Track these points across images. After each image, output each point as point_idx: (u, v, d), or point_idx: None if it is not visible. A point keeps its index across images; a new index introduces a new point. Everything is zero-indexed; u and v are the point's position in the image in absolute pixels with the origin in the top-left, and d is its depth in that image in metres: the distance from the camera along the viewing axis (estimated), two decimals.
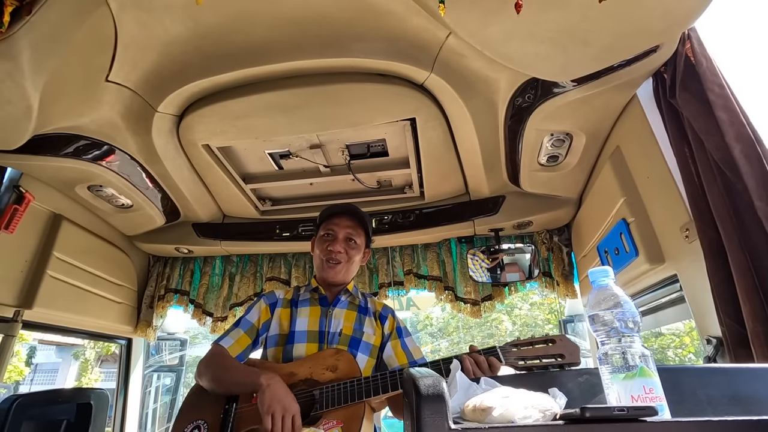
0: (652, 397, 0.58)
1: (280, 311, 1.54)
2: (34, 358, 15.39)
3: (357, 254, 1.59)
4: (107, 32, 1.25)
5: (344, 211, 1.61)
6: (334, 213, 1.61)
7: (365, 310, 1.59)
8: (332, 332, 1.49)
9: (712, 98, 1.06)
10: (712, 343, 1.17)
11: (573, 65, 1.19)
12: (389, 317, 1.59)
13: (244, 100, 1.51)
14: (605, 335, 0.64)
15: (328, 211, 1.64)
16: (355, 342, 1.48)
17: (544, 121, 1.53)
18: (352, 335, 1.49)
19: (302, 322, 1.50)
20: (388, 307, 1.64)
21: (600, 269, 0.69)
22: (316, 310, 1.54)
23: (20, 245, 1.78)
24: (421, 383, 0.50)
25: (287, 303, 1.56)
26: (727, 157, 1.01)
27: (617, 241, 1.60)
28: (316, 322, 1.50)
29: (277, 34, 1.34)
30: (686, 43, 1.15)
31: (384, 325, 1.57)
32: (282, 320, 1.51)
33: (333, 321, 1.51)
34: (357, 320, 1.54)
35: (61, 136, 1.55)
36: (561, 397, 0.62)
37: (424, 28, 1.30)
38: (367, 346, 1.50)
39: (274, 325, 1.51)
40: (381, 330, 1.56)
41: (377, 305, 1.64)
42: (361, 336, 1.50)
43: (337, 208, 1.63)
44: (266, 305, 1.56)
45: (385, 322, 1.58)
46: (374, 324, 1.56)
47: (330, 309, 1.54)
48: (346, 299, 1.59)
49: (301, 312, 1.52)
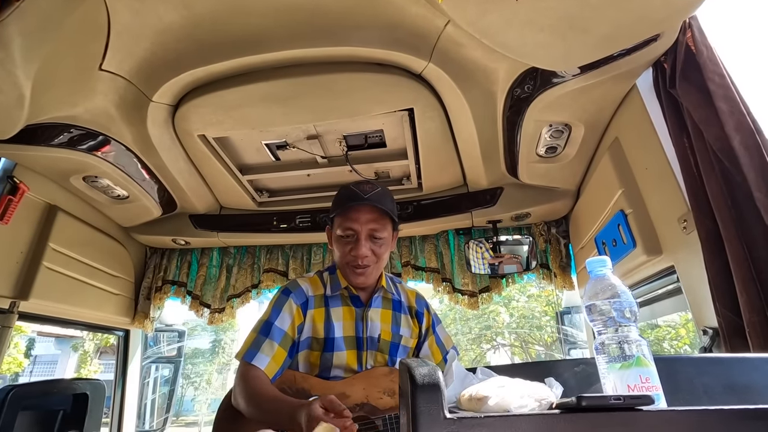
0: (648, 386, 0.58)
1: (313, 313, 1.36)
2: (33, 350, 15.45)
3: (386, 250, 1.40)
4: (100, 20, 1.23)
5: (363, 201, 1.34)
6: (351, 206, 1.35)
7: (399, 305, 1.48)
8: (370, 336, 1.37)
9: (713, 88, 1.05)
10: (708, 333, 1.18)
11: (573, 54, 1.18)
12: (425, 313, 1.50)
13: (239, 90, 1.50)
14: (602, 325, 0.64)
15: (343, 200, 1.37)
16: (395, 348, 1.41)
17: (542, 111, 1.52)
18: (392, 341, 1.40)
19: (338, 327, 1.36)
20: (420, 299, 1.54)
21: (597, 259, 0.68)
22: (350, 311, 1.40)
23: (15, 236, 1.77)
24: (416, 373, 0.50)
25: (320, 302, 1.38)
26: (726, 147, 1.00)
27: (615, 232, 1.60)
28: (352, 327, 1.38)
29: (273, 23, 1.32)
30: (687, 31, 1.14)
31: (421, 323, 1.48)
32: (316, 323, 1.35)
33: (370, 325, 1.39)
34: (393, 320, 1.43)
35: (55, 125, 1.53)
36: (557, 387, 0.62)
37: (422, 17, 1.28)
38: (405, 350, 1.43)
39: (307, 327, 1.35)
40: (419, 329, 1.48)
41: (410, 297, 1.52)
42: (399, 340, 1.42)
43: (355, 199, 1.34)
44: (297, 306, 1.35)
45: (422, 319, 1.48)
46: (411, 323, 1.47)
47: (365, 311, 1.40)
48: (380, 295, 1.45)
49: (334, 314, 1.37)
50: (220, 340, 18.17)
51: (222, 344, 18.16)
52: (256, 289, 2.52)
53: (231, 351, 17.12)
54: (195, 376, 18.04)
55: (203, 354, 18.56)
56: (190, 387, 18.00)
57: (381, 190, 1.38)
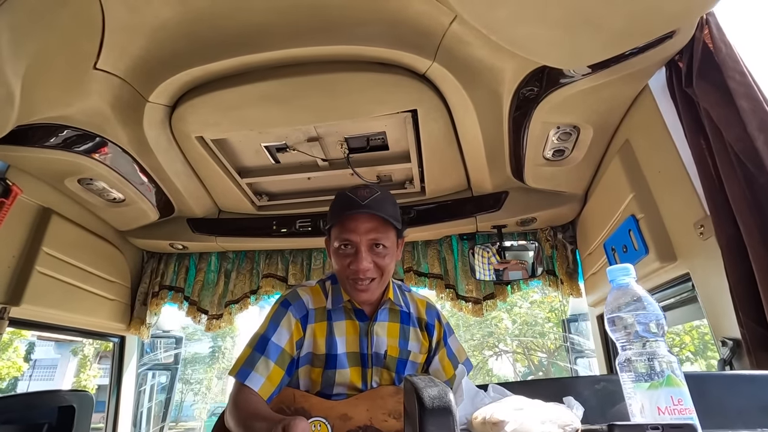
0: (681, 408, 0.52)
1: (314, 327, 1.25)
2: (33, 354, 15.40)
3: (391, 260, 1.25)
4: (94, 16, 1.19)
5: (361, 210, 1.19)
6: (348, 215, 1.21)
7: (408, 317, 1.35)
8: (375, 352, 1.27)
9: (733, 86, 1.00)
10: (728, 345, 1.11)
11: (584, 52, 1.13)
12: (436, 324, 1.37)
13: (237, 90, 1.45)
14: (626, 340, 0.58)
15: (339, 209, 1.24)
16: (402, 364, 1.30)
17: (550, 113, 1.47)
18: (399, 357, 1.29)
19: (341, 343, 1.25)
20: (431, 309, 1.40)
21: (620, 267, 0.63)
22: (354, 326, 1.29)
23: (7, 240, 1.72)
24: (425, 394, 0.44)
25: (321, 316, 1.27)
26: (749, 148, 0.95)
27: (626, 238, 1.54)
28: (355, 342, 1.27)
29: (272, 20, 1.28)
30: (704, 28, 1.09)
31: (432, 336, 1.36)
32: (317, 338, 1.25)
33: (375, 340, 1.28)
34: (401, 335, 1.32)
35: (48, 126, 1.49)
36: (578, 408, 0.56)
37: (426, 14, 1.24)
38: (413, 366, 1.32)
39: (307, 343, 1.25)
40: (429, 343, 1.36)
41: (420, 307, 1.39)
42: (408, 356, 1.31)
43: (351, 207, 1.20)
44: (296, 320, 1.24)
45: (433, 332, 1.36)
46: (420, 336, 1.35)
47: (370, 325, 1.29)
48: (386, 308, 1.33)
49: (337, 328, 1.27)
50: (220, 345, 18.10)
51: (222, 349, 18.08)
52: (254, 294, 2.46)
53: (231, 357, 17.05)
54: (195, 381, 17.95)
55: (203, 359, 18.48)
56: (189, 392, 17.91)
57: (380, 195, 1.23)
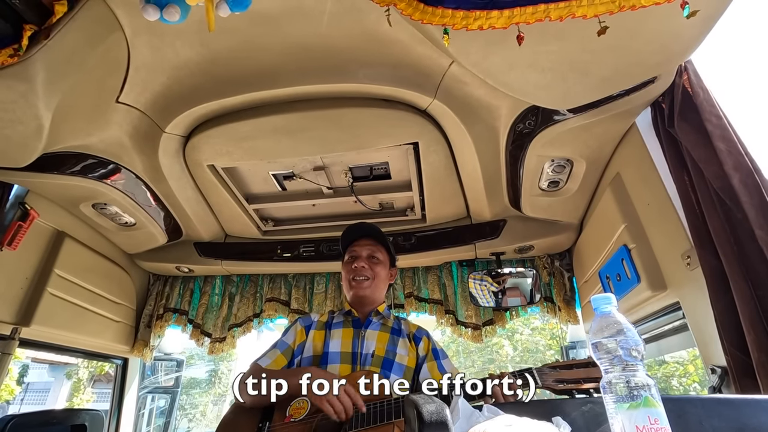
0: (657, 428, 0.57)
1: (314, 333, 1.55)
2: (26, 377, 15.11)
3: (382, 270, 1.66)
4: (120, 56, 1.29)
5: (362, 234, 1.73)
6: (353, 239, 1.72)
7: (399, 331, 1.58)
8: (364, 353, 1.48)
9: (710, 128, 1.08)
10: (717, 372, 1.15)
11: (573, 94, 1.22)
12: (424, 338, 1.58)
13: (250, 123, 1.54)
14: (608, 363, 0.64)
15: (347, 237, 1.74)
16: (388, 363, 1.47)
17: (544, 147, 1.56)
18: (385, 356, 1.49)
19: (335, 344, 1.51)
20: (422, 329, 1.63)
21: (602, 296, 0.69)
22: (349, 331, 1.55)
23: (22, 262, 1.78)
24: (424, 410, 0.50)
25: (322, 325, 1.59)
26: (726, 185, 1.02)
27: (619, 267, 1.60)
28: (348, 344, 1.51)
29: (285, 61, 1.38)
30: (683, 74, 1.18)
31: (419, 346, 1.55)
32: (316, 342, 1.53)
33: (365, 342, 1.51)
34: (390, 341, 1.53)
35: (69, 154, 1.57)
36: (565, 427, 0.61)
37: (427, 57, 1.34)
38: (400, 367, 1.48)
39: (308, 346, 1.52)
40: (415, 351, 1.54)
41: (411, 326, 1.63)
42: (393, 357, 1.49)
43: (355, 234, 1.73)
44: (302, 327, 1.58)
45: (420, 343, 1.56)
46: (408, 345, 1.55)
47: (362, 330, 1.54)
48: (378, 321, 1.60)
49: (334, 334, 1.54)
50: (216, 370, 17.75)
51: (219, 374, 17.72)
52: (257, 318, 2.50)
53: (227, 381, 16.70)
54: (190, 407, 17.51)
55: (199, 384, 18.09)
56: (184, 419, 17.45)
57: (377, 229, 1.74)
